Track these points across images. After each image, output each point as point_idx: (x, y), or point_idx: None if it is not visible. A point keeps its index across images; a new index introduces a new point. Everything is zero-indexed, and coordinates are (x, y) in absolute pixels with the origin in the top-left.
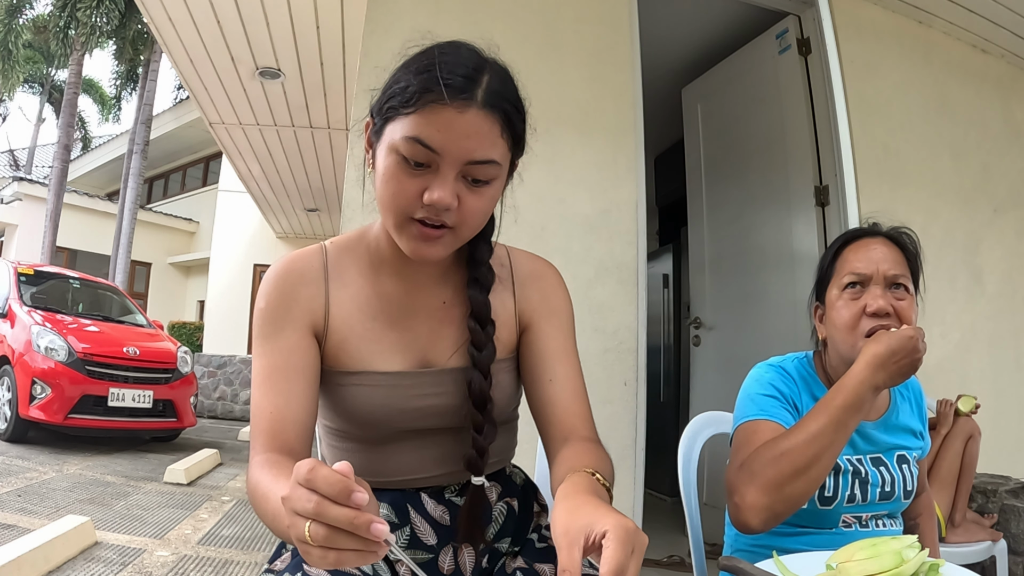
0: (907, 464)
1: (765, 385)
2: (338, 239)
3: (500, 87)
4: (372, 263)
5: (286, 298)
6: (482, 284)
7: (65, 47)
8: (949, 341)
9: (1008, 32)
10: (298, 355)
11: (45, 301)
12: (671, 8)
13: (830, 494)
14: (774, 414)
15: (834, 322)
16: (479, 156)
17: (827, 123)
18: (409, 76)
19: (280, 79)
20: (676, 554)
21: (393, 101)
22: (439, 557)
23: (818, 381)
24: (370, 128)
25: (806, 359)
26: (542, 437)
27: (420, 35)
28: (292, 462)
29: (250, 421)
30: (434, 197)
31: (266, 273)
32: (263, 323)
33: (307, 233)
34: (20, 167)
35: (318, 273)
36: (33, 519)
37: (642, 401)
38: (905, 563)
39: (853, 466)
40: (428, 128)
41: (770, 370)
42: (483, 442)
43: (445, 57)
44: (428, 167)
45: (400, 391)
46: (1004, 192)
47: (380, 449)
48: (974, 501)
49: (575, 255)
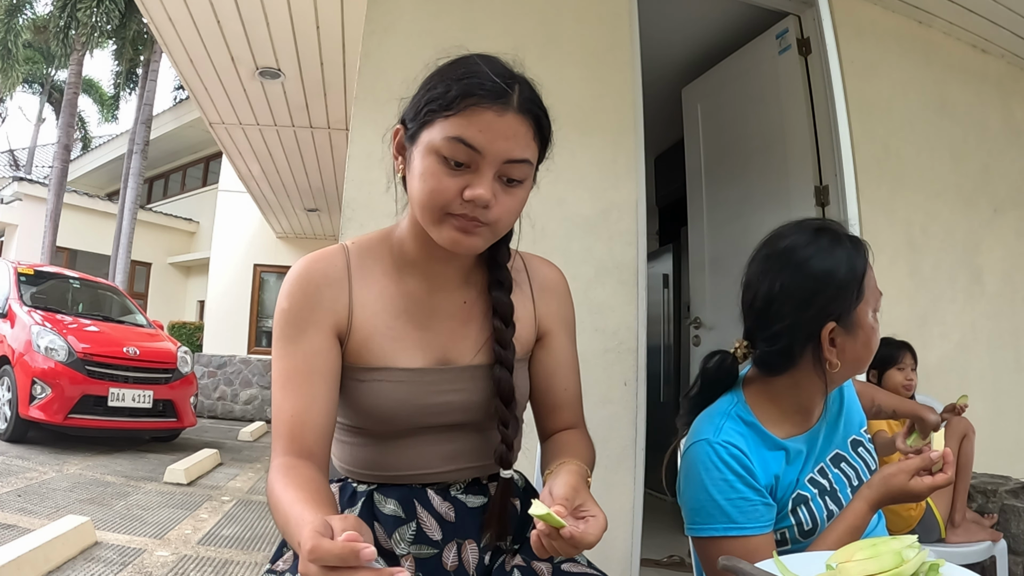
0: (862, 446)
1: (728, 488)
2: (360, 239)
3: (532, 95)
4: (396, 263)
5: (309, 299)
6: (504, 285)
7: (65, 47)
8: (949, 341)
9: (1008, 32)
10: (320, 358)
11: (45, 301)
12: (671, 8)
13: (809, 527)
14: (759, 521)
15: (867, 344)
16: (516, 155)
17: (827, 123)
18: (448, 82)
19: (280, 79)
20: (676, 554)
21: (432, 105)
22: (443, 553)
23: (757, 427)
24: (400, 135)
25: (738, 403)
26: (542, 426)
27: (420, 37)
28: (309, 466)
29: (272, 422)
30: (476, 193)
31: (288, 273)
32: (285, 325)
33: (307, 233)
34: (20, 167)
35: (342, 273)
36: (33, 519)
37: (642, 401)
38: (905, 563)
39: (819, 486)
40: (470, 129)
41: (720, 466)
42: (510, 436)
43: (483, 66)
44: (468, 167)
45: (420, 387)
46: (1004, 192)
47: (391, 444)
48: (974, 501)
49: (575, 255)
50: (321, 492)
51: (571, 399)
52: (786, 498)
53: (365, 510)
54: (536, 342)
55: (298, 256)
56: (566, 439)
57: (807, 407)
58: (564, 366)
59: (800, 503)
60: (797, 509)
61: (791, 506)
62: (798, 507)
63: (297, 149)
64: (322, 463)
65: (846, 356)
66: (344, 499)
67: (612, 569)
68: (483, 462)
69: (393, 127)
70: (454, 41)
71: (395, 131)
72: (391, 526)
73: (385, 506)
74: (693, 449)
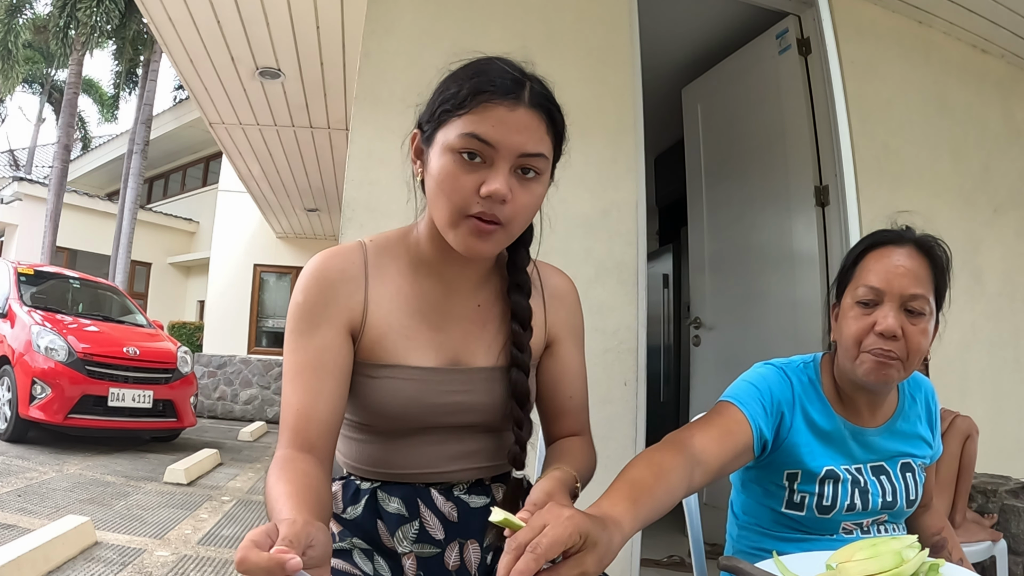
0: (911, 472)
1: (757, 377)
2: (377, 237)
3: (544, 90)
4: (412, 263)
5: (324, 295)
6: (524, 289)
7: (65, 47)
8: (949, 341)
9: (1008, 32)
10: (331, 354)
11: (45, 301)
12: (671, 8)
13: (828, 503)
14: (746, 403)
15: (842, 331)
16: (530, 149)
17: (827, 123)
18: (460, 82)
19: (280, 79)
20: (676, 554)
21: (446, 106)
22: (445, 552)
23: (819, 388)
24: (417, 139)
25: (813, 363)
26: (547, 431)
27: (420, 36)
28: (309, 460)
29: (280, 414)
30: (492, 188)
31: (304, 268)
32: (299, 319)
33: (307, 233)
34: (20, 167)
35: (359, 270)
36: (33, 519)
37: (642, 401)
38: (905, 563)
39: (852, 476)
40: (483, 124)
41: (769, 369)
42: (524, 437)
43: (492, 64)
44: (483, 162)
45: (431, 386)
46: (1004, 192)
47: (397, 442)
48: (974, 501)
49: (575, 255)
50: (312, 487)
51: (575, 407)
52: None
53: (368, 507)
54: (544, 349)
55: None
56: (565, 447)
57: (851, 396)
58: (570, 374)
59: (830, 478)
60: (825, 481)
61: (822, 474)
62: (826, 481)
63: (297, 149)
64: (324, 457)
65: (838, 338)
66: (348, 496)
67: (612, 569)
68: (488, 463)
69: (410, 132)
70: (454, 41)
71: (412, 136)
72: (394, 524)
73: (389, 504)
74: (755, 364)
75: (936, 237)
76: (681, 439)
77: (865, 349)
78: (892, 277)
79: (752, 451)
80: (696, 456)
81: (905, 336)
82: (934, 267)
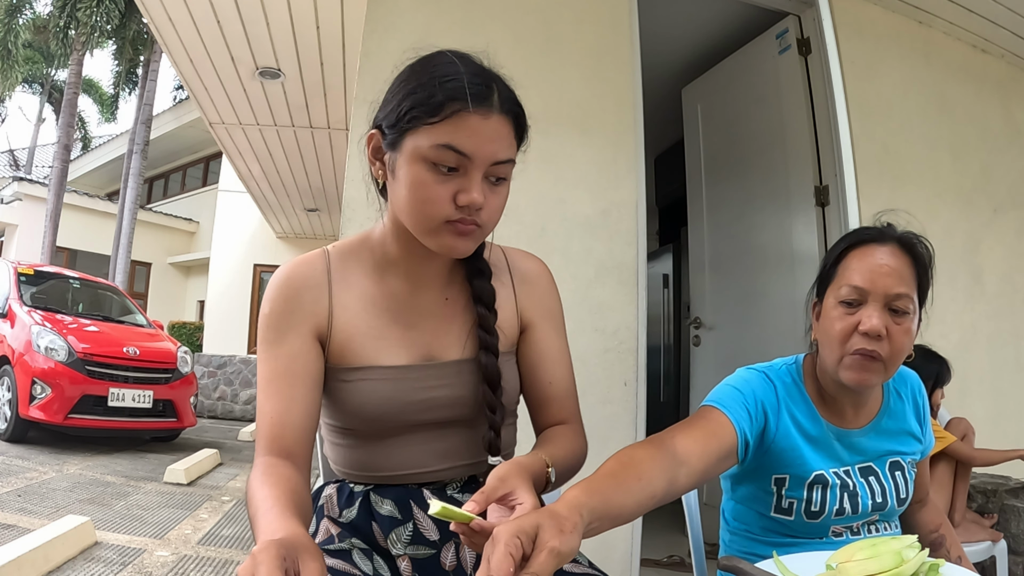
0: (901, 471)
1: (740, 382)
2: (339, 243)
3: (509, 93)
4: (377, 264)
5: (290, 303)
6: (484, 273)
7: (65, 47)
8: (949, 341)
9: (1008, 32)
10: (300, 361)
11: (45, 301)
12: (671, 8)
13: (817, 508)
14: (730, 407)
15: (825, 330)
16: (502, 156)
17: (827, 123)
18: (429, 87)
19: (280, 79)
20: (676, 554)
21: (416, 111)
22: (441, 553)
23: (802, 390)
24: (376, 141)
25: (794, 364)
26: (534, 421)
27: (420, 36)
28: (289, 466)
29: (256, 423)
30: (471, 198)
31: (271, 279)
32: (267, 328)
33: (307, 233)
34: (20, 167)
35: (322, 276)
36: (33, 519)
37: (642, 401)
38: (905, 563)
39: (841, 480)
40: (458, 135)
41: (752, 373)
42: (498, 422)
43: (461, 67)
44: (457, 171)
45: (406, 384)
46: (1004, 192)
47: (382, 444)
48: (974, 501)
49: (575, 255)
50: (295, 492)
51: (559, 393)
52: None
53: (363, 510)
54: (520, 335)
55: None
56: (548, 434)
57: (834, 396)
58: (548, 359)
59: (819, 483)
60: (814, 486)
61: (811, 479)
62: (815, 486)
63: (297, 149)
64: (302, 463)
65: (820, 337)
66: (342, 500)
67: (612, 569)
68: (477, 459)
69: (367, 132)
70: (454, 41)
71: (369, 136)
72: (388, 527)
73: (381, 506)
74: (737, 369)
75: (917, 234)
76: (661, 438)
77: (849, 350)
78: (876, 276)
79: (736, 455)
80: (679, 456)
81: (889, 336)
82: (917, 265)
